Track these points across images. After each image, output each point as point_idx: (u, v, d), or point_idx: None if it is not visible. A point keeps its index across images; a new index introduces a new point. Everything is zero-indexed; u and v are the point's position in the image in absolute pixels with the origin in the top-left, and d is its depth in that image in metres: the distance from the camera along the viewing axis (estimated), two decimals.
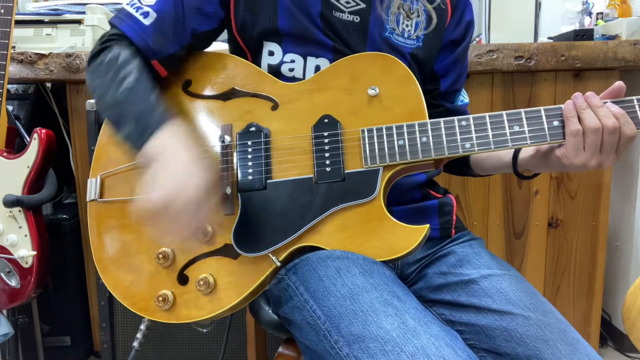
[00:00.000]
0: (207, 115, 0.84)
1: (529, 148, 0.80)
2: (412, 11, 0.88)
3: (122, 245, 0.83)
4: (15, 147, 1.45)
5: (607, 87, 0.72)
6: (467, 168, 0.98)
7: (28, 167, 1.35)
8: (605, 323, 1.82)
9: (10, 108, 1.54)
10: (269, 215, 0.77)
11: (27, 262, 1.34)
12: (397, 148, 0.75)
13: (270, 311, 0.84)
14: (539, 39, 1.73)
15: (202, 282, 0.77)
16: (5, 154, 1.36)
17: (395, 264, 0.87)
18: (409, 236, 0.73)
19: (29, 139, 1.37)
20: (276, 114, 0.82)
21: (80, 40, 1.59)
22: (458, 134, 0.74)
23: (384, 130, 0.76)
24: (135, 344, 0.83)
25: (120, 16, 0.84)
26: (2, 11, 1.32)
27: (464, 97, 0.99)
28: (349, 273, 0.70)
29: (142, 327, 0.83)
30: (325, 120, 0.79)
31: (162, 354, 1.50)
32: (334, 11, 0.84)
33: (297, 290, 0.73)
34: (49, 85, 1.68)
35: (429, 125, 0.75)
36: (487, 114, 0.73)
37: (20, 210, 1.34)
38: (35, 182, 1.36)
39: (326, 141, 0.78)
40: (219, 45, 0.94)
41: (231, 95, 0.85)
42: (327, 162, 0.77)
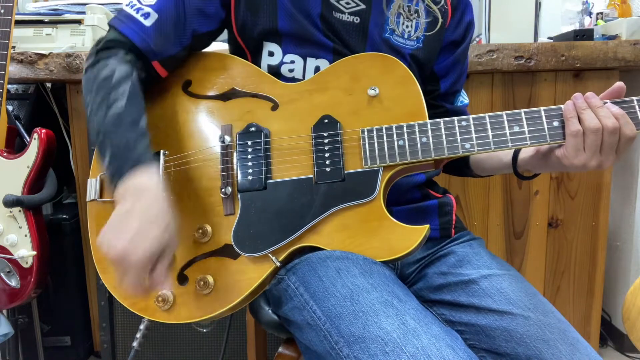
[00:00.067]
0: (207, 116, 0.84)
1: (529, 148, 0.80)
2: (412, 12, 0.88)
3: None
4: (15, 147, 1.44)
5: (607, 87, 0.72)
6: (466, 168, 0.98)
7: (28, 167, 1.35)
8: (605, 323, 1.82)
9: (10, 108, 1.54)
10: (269, 215, 0.77)
11: (27, 262, 1.34)
12: (397, 148, 0.75)
13: (270, 311, 0.84)
14: (539, 39, 1.73)
15: (202, 283, 0.77)
16: (5, 154, 1.36)
17: (395, 264, 0.87)
18: (409, 236, 0.73)
19: (29, 139, 1.37)
20: (276, 114, 0.82)
21: (80, 40, 1.59)
22: (458, 134, 0.74)
23: (383, 131, 0.76)
24: (134, 344, 0.83)
25: (120, 18, 0.83)
26: (2, 11, 1.32)
27: (463, 97, 0.99)
28: (349, 273, 0.70)
29: (142, 327, 0.83)
30: (325, 121, 0.79)
31: (162, 354, 1.50)
32: (334, 12, 0.84)
33: (297, 291, 0.73)
34: (49, 85, 1.68)
35: (428, 126, 0.75)
36: (487, 115, 0.74)
37: (20, 210, 1.34)
38: (35, 182, 1.36)
39: (326, 141, 0.78)
40: (219, 45, 0.94)
41: (231, 95, 0.84)
42: (327, 162, 0.77)
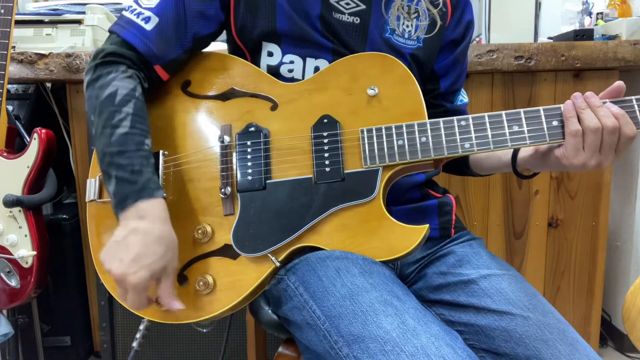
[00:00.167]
0: (207, 116, 0.84)
1: (528, 148, 0.80)
2: (412, 12, 0.88)
3: None
4: (15, 147, 1.45)
5: (607, 87, 0.72)
6: (466, 168, 0.98)
7: (28, 167, 1.35)
8: (605, 323, 1.82)
9: (10, 108, 1.54)
10: (269, 215, 0.77)
11: (27, 262, 1.34)
12: (396, 148, 0.75)
13: (270, 311, 0.84)
14: (539, 39, 1.73)
15: (201, 283, 0.77)
16: (5, 154, 1.36)
17: (394, 264, 0.87)
18: (408, 236, 0.73)
19: (29, 139, 1.37)
20: (275, 114, 0.82)
21: (80, 40, 1.59)
22: (457, 134, 0.74)
23: (383, 131, 0.76)
24: (134, 345, 0.83)
25: (121, 23, 0.82)
26: (2, 11, 1.32)
27: (463, 96, 0.99)
28: (349, 273, 0.70)
29: (142, 327, 0.82)
30: (325, 121, 0.79)
31: (162, 354, 1.50)
32: (333, 13, 0.84)
33: (297, 291, 0.73)
34: (49, 85, 1.68)
35: (428, 125, 0.75)
36: (486, 114, 0.73)
37: (20, 210, 1.34)
38: (35, 182, 1.36)
39: (325, 141, 0.78)
40: (218, 45, 0.94)
41: (230, 95, 0.84)
42: (327, 162, 0.77)
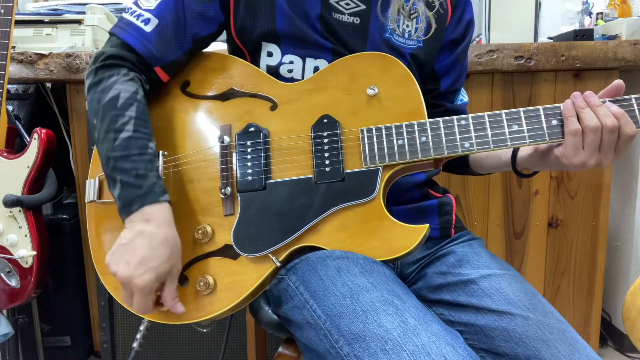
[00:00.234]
0: (206, 116, 0.84)
1: (528, 147, 0.80)
2: (412, 12, 0.88)
3: None
4: (15, 147, 1.45)
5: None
6: (466, 167, 0.98)
7: (28, 167, 1.35)
8: (605, 323, 1.82)
9: (10, 108, 1.54)
10: (269, 215, 0.77)
11: (27, 262, 1.34)
12: (396, 148, 0.75)
13: (270, 311, 0.84)
14: (539, 39, 1.73)
15: (202, 283, 0.77)
16: (5, 154, 1.36)
17: (394, 263, 0.87)
18: (408, 236, 0.73)
19: (29, 139, 1.37)
20: (275, 114, 0.82)
21: (80, 40, 1.59)
22: (457, 133, 0.74)
23: (383, 130, 0.76)
24: (134, 345, 0.83)
25: (121, 25, 0.82)
26: (2, 11, 1.32)
27: (463, 96, 0.99)
28: (349, 272, 0.70)
29: (142, 327, 0.82)
30: (325, 120, 0.79)
31: (162, 354, 1.50)
32: (333, 13, 0.84)
33: (297, 290, 0.73)
34: (49, 85, 1.68)
35: (428, 125, 0.75)
36: (486, 114, 0.73)
37: (20, 210, 1.34)
38: (35, 182, 1.36)
39: (325, 141, 0.78)
40: (217, 45, 0.93)
41: (230, 95, 0.84)
42: (327, 162, 0.77)
